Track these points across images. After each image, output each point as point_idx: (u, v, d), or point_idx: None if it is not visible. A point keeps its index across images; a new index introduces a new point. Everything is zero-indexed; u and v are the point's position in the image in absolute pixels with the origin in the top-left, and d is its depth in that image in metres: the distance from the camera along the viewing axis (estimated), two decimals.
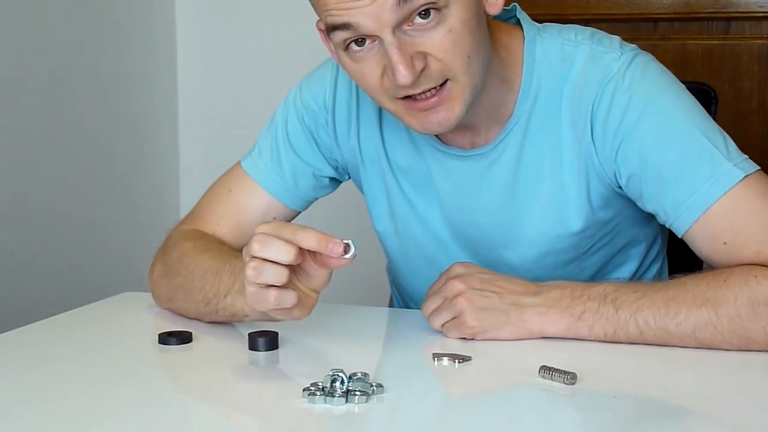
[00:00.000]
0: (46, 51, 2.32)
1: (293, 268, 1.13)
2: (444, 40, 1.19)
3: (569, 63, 1.31)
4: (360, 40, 1.20)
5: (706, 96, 1.37)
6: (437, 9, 1.18)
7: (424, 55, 1.19)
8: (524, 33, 1.33)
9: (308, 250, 1.13)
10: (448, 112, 1.23)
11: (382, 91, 1.23)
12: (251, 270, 1.12)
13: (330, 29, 1.20)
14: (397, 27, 1.17)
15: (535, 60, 1.32)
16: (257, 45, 2.78)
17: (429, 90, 1.21)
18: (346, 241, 1.11)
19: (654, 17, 2.53)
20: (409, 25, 1.18)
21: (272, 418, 1.05)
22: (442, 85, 1.22)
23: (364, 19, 1.17)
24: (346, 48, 1.21)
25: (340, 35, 1.20)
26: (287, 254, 1.11)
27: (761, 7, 2.48)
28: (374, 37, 1.19)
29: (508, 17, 1.37)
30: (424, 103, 1.22)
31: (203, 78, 2.82)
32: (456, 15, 1.19)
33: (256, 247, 1.11)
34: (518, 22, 1.35)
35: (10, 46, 2.21)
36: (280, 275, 1.12)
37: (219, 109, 2.83)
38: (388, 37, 1.17)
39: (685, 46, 2.49)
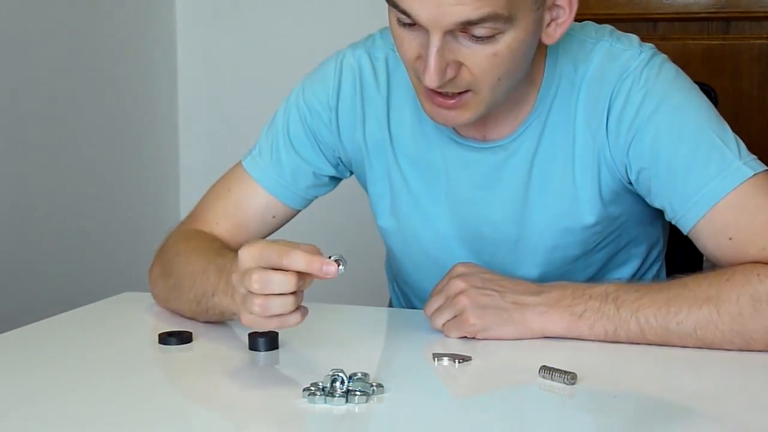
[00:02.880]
0: (45, 51, 2.32)
1: None
2: (485, 60, 1.21)
3: (589, 60, 1.33)
4: (412, 23, 1.20)
5: (706, 96, 1.38)
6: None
7: (460, 65, 1.21)
8: None
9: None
10: (458, 115, 1.26)
11: (411, 67, 1.25)
12: (258, 307, 1.11)
13: (389, 1, 1.21)
14: (449, 31, 1.18)
15: (558, 56, 1.34)
16: (257, 45, 2.78)
17: (450, 93, 1.23)
18: (335, 258, 1.10)
19: (654, 17, 2.54)
20: (462, 32, 1.19)
21: (272, 418, 1.05)
22: (463, 92, 1.23)
23: (423, 13, 1.18)
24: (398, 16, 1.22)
25: (395, 11, 1.21)
26: (290, 285, 1.10)
27: (761, 7, 2.48)
28: (425, 28, 1.19)
29: None
30: (441, 99, 1.24)
31: (203, 78, 2.82)
32: (507, 42, 1.20)
33: (257, 287, 1.10)
34: None
35: (10, 47, 2.21)
36: (287, 305, 1.11)
37: (219, 109, 2.83)
38: (435, 38, 1.18)
39: (685, 46, 2.50)
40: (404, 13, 1.19)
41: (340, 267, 1.10)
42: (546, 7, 1.23)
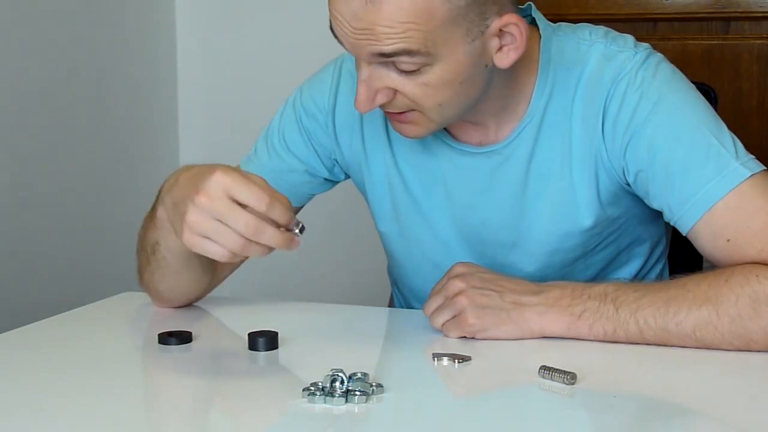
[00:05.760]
0: (45, 51, 2.32)
1: None
2: (416, 89, 1.22)
3: (584, 62, 1.32)
4: None
5: (705, 96, 1.38)
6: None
7: (393, 91, 1.23)
8: (540, 32, 1.34)
9: None
10: (412, 129, 1.28)
11: None
12: (252, 229, 1.11)
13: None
14: (376, 61, 1.20)
15: (551, 58, 1.33)
16: (257, 45, 2.78)
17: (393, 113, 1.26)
18: (297, 229, 1.13)
19: (653, 17, 2.53)
20: (389, 61, 1.20)
21: (272, 418, 1.05)
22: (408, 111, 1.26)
23: (345, 44, 1.22)
24: None
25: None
26: (261, 201, 1.13)
27: (761, 7, 2.48)
28: None
29: (523, 16, 1.37)
30: (391, 115, 1.27)
31: (203, 78, 2.82)
32: (436, 74, 1.21)
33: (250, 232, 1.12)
34: (533, 21, 1.36)
35: (10, 46, 2.21)
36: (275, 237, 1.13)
37: (219, 109, 2.83)
38: (362, 67, 1.21)
39: (685, 46, 2.49)
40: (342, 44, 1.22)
41: (298, 236, 1.13)
42: (489, 35, 1.22)
